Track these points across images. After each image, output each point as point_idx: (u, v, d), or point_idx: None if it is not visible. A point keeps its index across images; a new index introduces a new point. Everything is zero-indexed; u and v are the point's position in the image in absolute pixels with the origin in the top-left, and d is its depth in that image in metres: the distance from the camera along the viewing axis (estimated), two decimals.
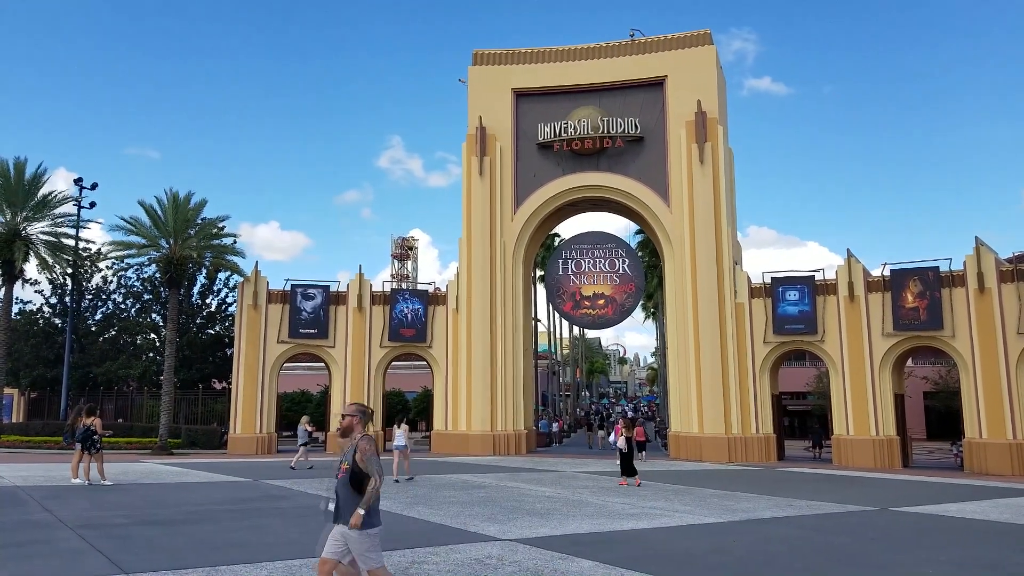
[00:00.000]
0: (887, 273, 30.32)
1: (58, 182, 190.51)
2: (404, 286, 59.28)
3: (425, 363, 36.78)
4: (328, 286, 35.25)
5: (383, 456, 29.57)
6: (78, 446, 17.87)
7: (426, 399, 42.08)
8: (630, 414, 76.04)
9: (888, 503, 17.07)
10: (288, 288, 34.96)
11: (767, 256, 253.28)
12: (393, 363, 38.41)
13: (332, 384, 35.75)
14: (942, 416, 45.34)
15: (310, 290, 35.00)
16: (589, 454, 36.57)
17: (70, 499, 15.26)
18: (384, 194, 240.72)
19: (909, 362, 40.87)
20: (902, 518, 14.94)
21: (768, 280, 32.15)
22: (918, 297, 29.38)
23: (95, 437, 17.79)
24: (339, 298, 35.28)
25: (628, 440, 21.04)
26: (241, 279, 35.46)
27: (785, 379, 39.82)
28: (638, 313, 61.75)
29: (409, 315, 35.08)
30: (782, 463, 30.64)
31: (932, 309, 29.08)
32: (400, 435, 21.62)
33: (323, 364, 36.75)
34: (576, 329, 76.86)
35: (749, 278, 32.62)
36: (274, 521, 13.20)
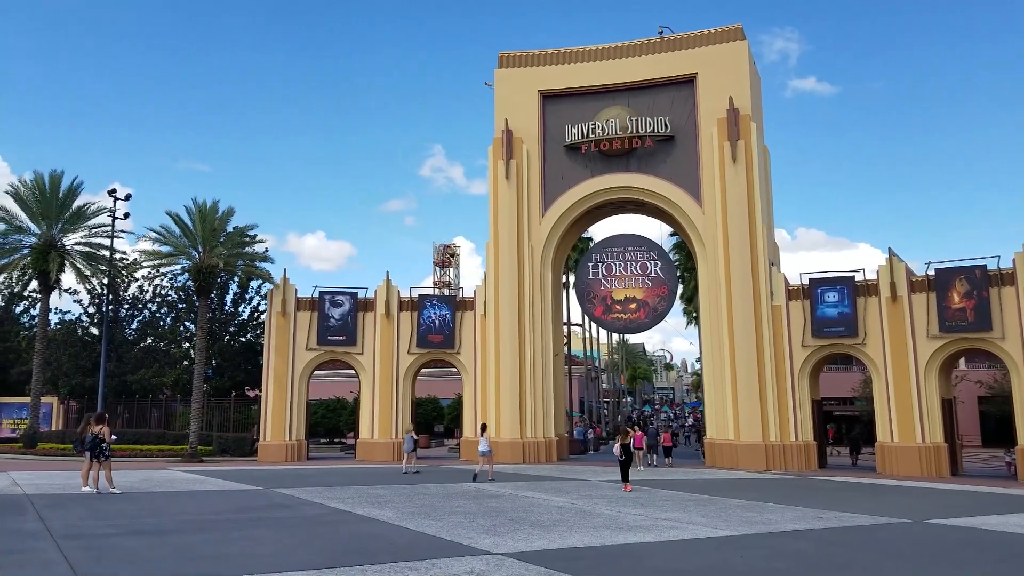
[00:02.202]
0: (931, 272, 28.88)
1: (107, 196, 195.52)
2: (445, 292, 59.18)
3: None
4: (356, 293, 35.05)
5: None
6: (88, 454, 17.82)
7: (459, 406, 41.66)
8: (690, 421, 76.16)
9: (923, 515, 15.98)
10: (316, 295, 34.89)
11: (816, 258, 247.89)
12: (428, 369, 38.06)
13: (361, 391, 35.53)
14: (998, 422, 43.23)
15: (338, 297, 34.85)
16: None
17: (70, 508, 15.12)
18: (427, 202, 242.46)
19: (962, 365, 39.13)
20: (935, 531, 13.91)
21: (806, 281, 30.96)
22: (965, 297, 27.89)
23: (103, 445, 17.71)
24: (367, 305, 35.07)
25: (624, 447, 21.04)
26: (271, 287, 35.54)
27: (829, 384, 38.46)
28: (681, 318, 60.64)
29: (437, 321, 34.68)
30: (823, 471, 29.39)
31: (980, 309, 27.57)
32: (484, 440, 23.54)
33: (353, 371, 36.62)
34: (616, 335, 75.93)
35: (786, 279, 31.48)
36: (267, 532, 12.79)
